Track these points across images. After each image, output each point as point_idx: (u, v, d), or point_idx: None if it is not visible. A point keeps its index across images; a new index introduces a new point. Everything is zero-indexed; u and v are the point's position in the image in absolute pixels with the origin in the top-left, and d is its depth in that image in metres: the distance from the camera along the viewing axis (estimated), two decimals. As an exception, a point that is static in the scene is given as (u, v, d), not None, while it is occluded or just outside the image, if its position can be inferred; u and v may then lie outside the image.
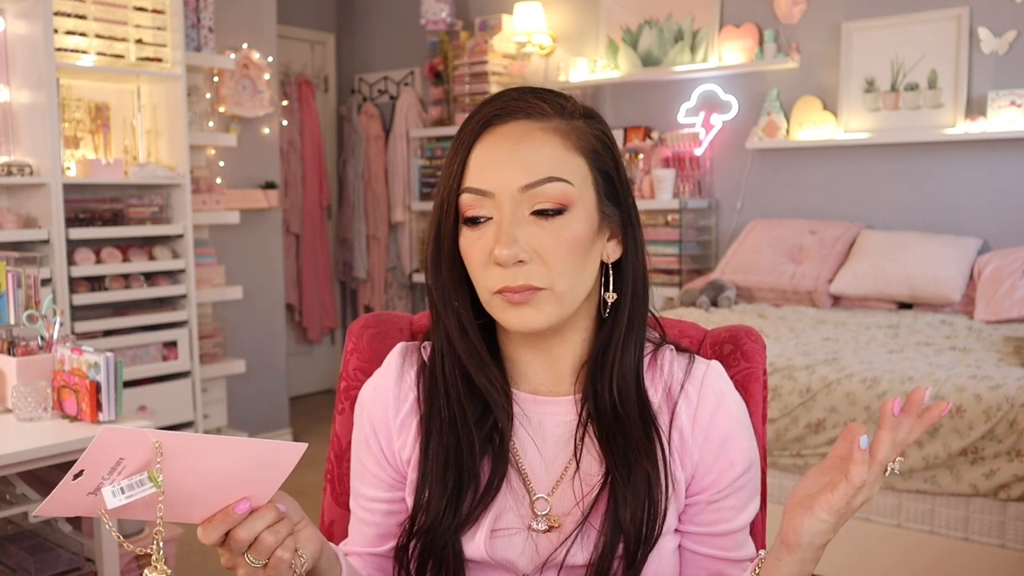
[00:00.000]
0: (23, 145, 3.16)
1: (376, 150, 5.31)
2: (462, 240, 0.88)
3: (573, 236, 0.85)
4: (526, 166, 0.85)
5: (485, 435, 0.91)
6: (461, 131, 0.90)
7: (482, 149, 0.87)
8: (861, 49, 3.80)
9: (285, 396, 4.42)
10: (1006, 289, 3.20)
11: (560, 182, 0.85)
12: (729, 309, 3.54)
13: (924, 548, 2.49)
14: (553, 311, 0.86)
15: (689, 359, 0.94)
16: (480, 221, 0.86)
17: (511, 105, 0.88)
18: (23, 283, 2.03)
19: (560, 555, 0.88)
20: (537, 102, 0.88)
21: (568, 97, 0.91)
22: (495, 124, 0.87)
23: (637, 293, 0.92)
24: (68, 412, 1.94)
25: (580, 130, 0.88)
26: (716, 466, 0.90)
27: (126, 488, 0.73)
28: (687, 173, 4.20)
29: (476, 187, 0.86)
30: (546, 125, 0.87)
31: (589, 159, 0.88)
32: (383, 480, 0.97)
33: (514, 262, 0.84)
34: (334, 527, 1.13)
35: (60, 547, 2.03)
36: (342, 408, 1.13)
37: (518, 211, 0.85)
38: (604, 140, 0.90)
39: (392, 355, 0.99)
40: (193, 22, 3.70)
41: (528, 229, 0.85)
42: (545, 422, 0.93)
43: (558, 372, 0.94)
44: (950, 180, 3.65)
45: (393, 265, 5.33)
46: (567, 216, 0.85)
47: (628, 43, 4.37)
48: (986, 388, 2.38)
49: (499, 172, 0.85)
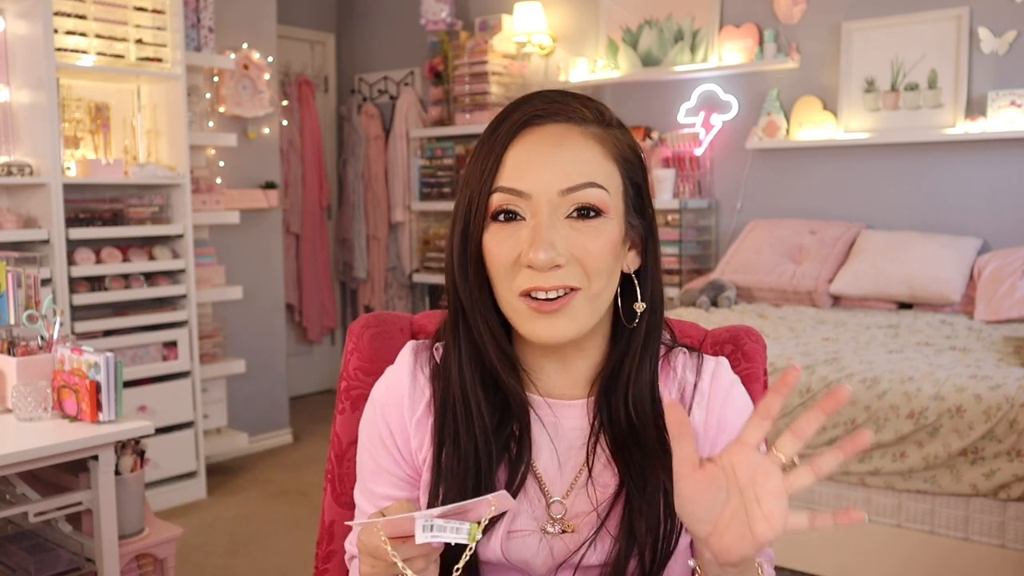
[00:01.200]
0: (23, 145, 3.16)
1: (376, 150, 5.31)
2: (487, 237, 0.85)
3: (609, 240, 0.85)
4: (566, 169, 0.83)
5: (503, 442, 0.90)
6: (495, 129, 0.87)
7: (520, 149, 0.84)
8: (861, 49, 3.80)
9: (285, 396, 4.42)
10: (1006, 289, 3.20)
11: (599, 188, 0.84)
12: (729, 309, 3.54)
13: (924, 548, 2.49)
14: (586, 316, 0.85)
15: (698, 358, 0.95)
16: (514, 217, 0.84)
17: (552, 107, 0.86)
18: (23, 283, 2.03)
19: (576, 557, 0.88)
20: (578, 106, 0.87)
21: (604, 105, 0.90)
22: (534, 124, 0.85)
23: (655, 305, 0.92)
24: (68, 412, 1.94)
25: (616, 138, 0.88)
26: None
27: (437, 528, 0.74)
28: (687, 173, 4.20)
29: (512, 187, 0.84)
30: (586, 130, 0.86)
31: (622, 168, 0.87)
32: (401, 478, 0.95)
33: (550, 267, 0.82)
34: (334, 527, 1.13)
35: (60, 547, 2.03)
36: (342, 408, 1.13)
37: (555, 214, 0.83)
38: (636, 151, 0.90)
39: (404, 353, 0.97)
40: (193, 22, 3.70)
41: (565, 232, 0.83)
42: (560, 425, 0.92)
43: (573, 378, 0.93)
44: (950, 180, 3.65)
45: (393, 265, 5.33)
46: (603, 219, 0.85)
47: (628, 43, 4.37)
48: (986, 388, 2.38)
49: (538, 174, 0.83)
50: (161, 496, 3.41)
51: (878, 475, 2.52)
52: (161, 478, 3.45)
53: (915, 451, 2.45)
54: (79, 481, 1.95)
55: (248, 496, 3.59)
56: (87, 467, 1.92)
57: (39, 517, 1.90)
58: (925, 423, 2.42)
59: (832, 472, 0.69)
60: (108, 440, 1.88)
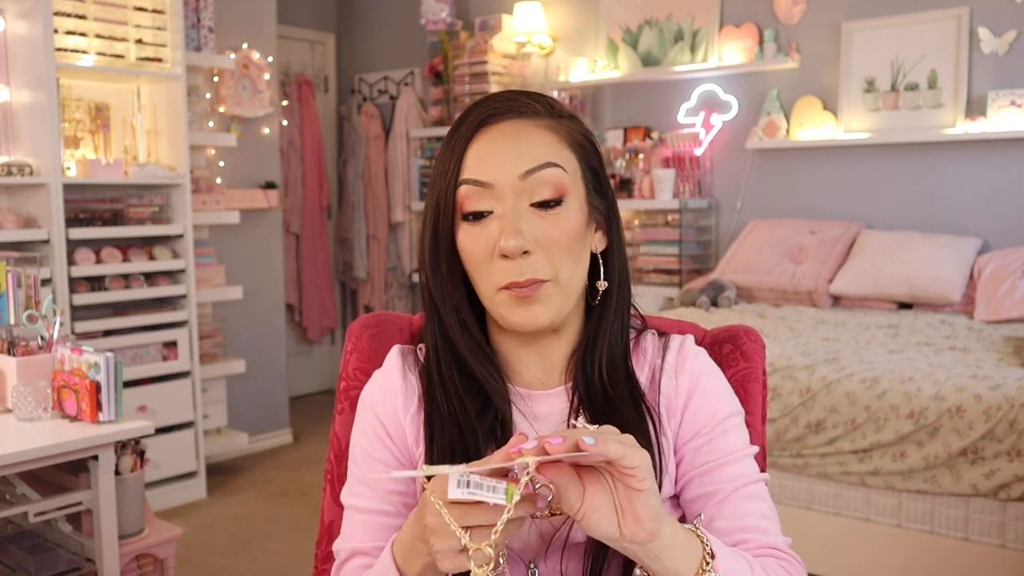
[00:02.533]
0: (23, 145, 3.16)
1: (376, 150, 5.31)
2: (461, 236, 0.91)
3: (571, 225, 0.89)
4: (524, 156, 0.89)
5: (488, 426, 0.93)
6: (454, 131, 0.93)
7: (479, 145, 0.90)
8: (861, 49, 3.80)
9: (285, 396, 4.42)
10: (1006, 289, 3.20)
11: (557, 167, 0.89)
12: (729, 309, 3.54)
13: (924, 548, 2.49)
14: (559, 303, 0.90)
15: (666, 338, 1.00)
16: (482, 216, 0.89)
17: (504, 105, 0.92)
18: (23, 283, 2.03)
19: (562, 536, 0.90)
20: (529, 102, 0.93)
21: (555, 99, 0.96)
22: (489, 123, 0.91)
23: (622, 281, 0.97)
24: (68, 412, 1.94)
25: (568, 127, 0.94)
26: (701, 411, 0.94)
27: (474, 485, 0.70)
28: (687, 173, 4.20)
29: (475, 178, 0.89)
30: (539, 122, 0.92)
31: (578, 153, 0.93)
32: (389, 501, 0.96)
33: (520, 253, 0.87)
34: (334, 527, 1.13)
35: (60, 547, 2.03)
36: (342, 408, 1.13)
37: (519, 203, 0.88)
38: (589, 137, 0.96)
39: (391, 357, 1.01)
40: (193, 22, 3.70)
41: (530, 221, 0.88)
42: (540, 414, 0.96)
43: (549, 364, 0.97)
44: (950, 180, 3.65)
45: (393, 265, 5.33)
46: (564, 206, 0.89)
47: (628, 43, 4.37)
48: (986, 388, 2.38)
49: (498, 163, 0.88)
50: (161, 496, 3.41)
51: (878, 475, 2.52)
52: (161, 478, 3.45)
53: (915, 451, 2.45)
54: (79, 481, 1.95)
55: (248, 496, 3.59)
56: (87, 467, 1.92)
57: (39, 517, 1.90)
58: (925, 423, 2.42)
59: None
60: (108, 440, 1.88)
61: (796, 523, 2.68)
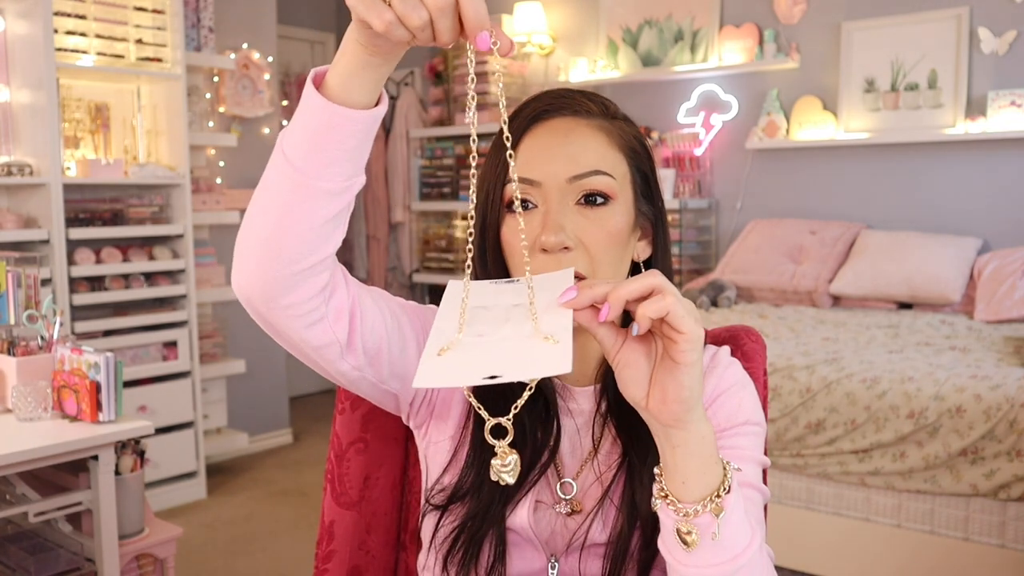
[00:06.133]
0: (23, 145, 3.16)
1: (376, 150, 5.31)
2: (505, 228, 0.91)
3: (615, 227, 0.89)
4: (574, 158, 0.88)
5: (537, 413, 0.93)
6: (508, 124, 0.88)
7: (531, 142, 0.90)
8: (861, 49, 3.80)
9: (285, 396, 4.42)
10: (1006, 289, 3.20)
11: (605, 176, 0.89)
12: (729, 309, 3.54)
13: (924, 548, 2.49)
14: None
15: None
16: (527, 207, 0.89)
17: (558, 102, 0.92)
18: (23, 283, 2.03)
19: (582, 534, 0.90)
20: (584, 100, 0.93)
21: (609, 100, 0.96)
22: (543, 119, 0.91)
23: None
24: (68, 412, 1.94)
25: (622, 129, 0.93)
26: (721, 411, 0.92)
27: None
28: (687, 173, 4.20)
29: (524, 176, 0.88)
30: (592, 122, 0.91)
31: (629, 157, 0.92)
32: (396, 323, 0.90)
33: (560, 248, 0.86)
34: (334, 527, 1.13)
35: (60, 547, 2.03)
36: (342, 408, 1.13)
37: (564, 200, 0.88)
38: (642, 141, 0.95)
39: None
40: (193, 22, 3.70)
41: (573, 218, 0.88)
42: (573, 409, 0.96)
43: (585, 363, 0.96)
44: (950, 180, 3.65)
45: (393, 265, 5.33)
46: (610, 207, 0.89)
47: (628, 43, 4.37)
48: (986, 388, 2.38)
49: (547, 163, 0.88)
50: (161, 496, 3.41)
51: (878, 475, 2.52)
52: (161, 478, 3.45)
53: (915, 451, 2.45)
54: (79, 481, 1.95)
55: (248, 496, 3.59)
56: (87, 467, 1.92)
57: (39, 517, 1.90)
58: (925, 423, 2.42)
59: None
60: (108, 440, 1.88)
61: (796, 523, 2.68)
